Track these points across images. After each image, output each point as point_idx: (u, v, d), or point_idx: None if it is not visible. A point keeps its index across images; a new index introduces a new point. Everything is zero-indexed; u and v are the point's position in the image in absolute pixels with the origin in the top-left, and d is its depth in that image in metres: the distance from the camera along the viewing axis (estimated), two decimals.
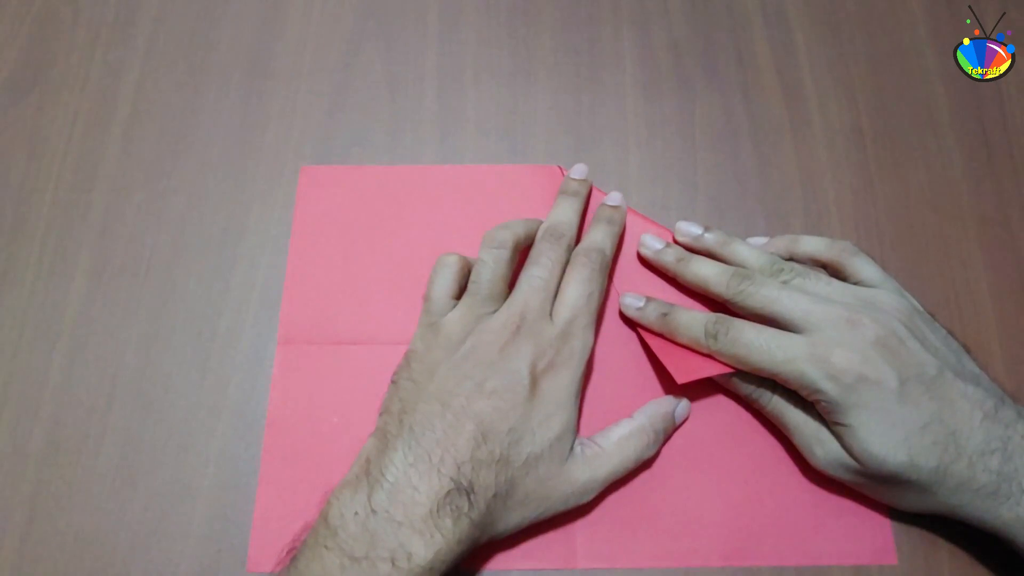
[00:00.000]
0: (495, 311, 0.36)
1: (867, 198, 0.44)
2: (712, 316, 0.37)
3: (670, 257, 0.40)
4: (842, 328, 0.34)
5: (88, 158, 0.44)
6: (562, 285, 0.37)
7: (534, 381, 0.34)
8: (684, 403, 0.38)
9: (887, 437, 0.33)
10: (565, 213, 0.40)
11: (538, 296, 0.36)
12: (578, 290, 0.37)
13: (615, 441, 0.36)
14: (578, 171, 0.42)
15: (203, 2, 0.49)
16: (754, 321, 0.36)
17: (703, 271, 0.39)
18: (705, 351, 0.36)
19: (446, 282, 0.38)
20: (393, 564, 0.29)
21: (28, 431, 0.38)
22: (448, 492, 0.30)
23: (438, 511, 0.30)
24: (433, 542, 0.30)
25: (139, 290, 0.41)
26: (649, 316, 0.39)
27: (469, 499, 0.31)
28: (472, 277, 0.38)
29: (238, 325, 0.40)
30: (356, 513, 0.30)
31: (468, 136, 0.45)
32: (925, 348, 0.34)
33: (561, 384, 0.35)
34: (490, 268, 0.37)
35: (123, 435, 0.38)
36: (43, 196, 0.43)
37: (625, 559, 0.36)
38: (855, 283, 0.38)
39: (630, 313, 0.39)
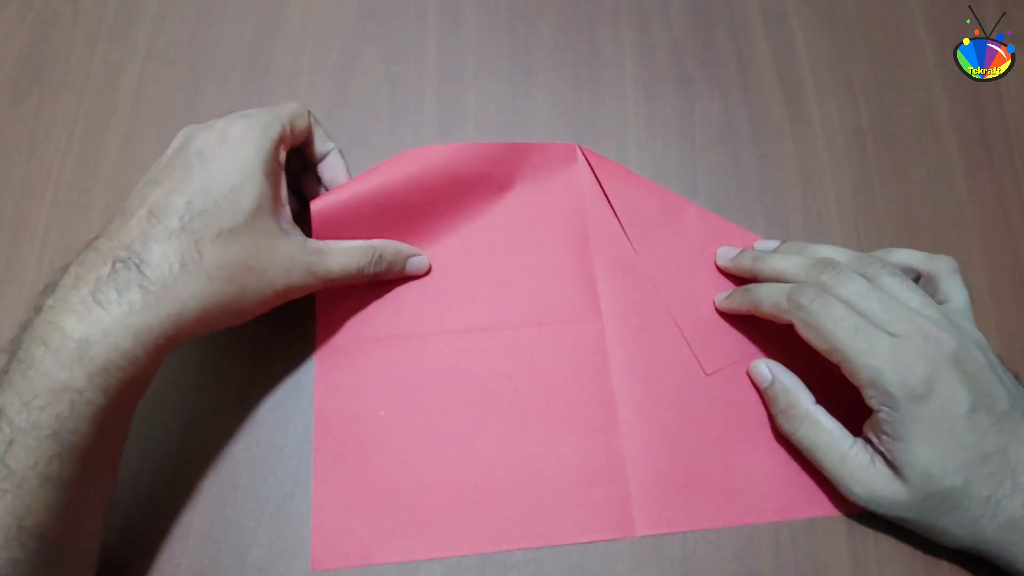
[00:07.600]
0: None
1: (867, 198, 0.44)
2: (798, 284, 0.35)
3: (747, 260, 0.39)
4: (924, 340, 0.33)
5: (88, 158, 0.44)
6: None
7: (202, 156, 0.33)
8: (422, 258, 0.40)
9: (946, 458, 0.32)
10: None
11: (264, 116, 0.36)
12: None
13: (344, 247, 0.37)
14: None
15: (203, 2, 0.49)
16: None
17: (781, 263, 0.37)
18: (785, 319, 0.35)
19: None
20: (46, 345, 0.28)
21: None
22: (112, 270, 0.30)
23: (99, 289, 0.29)
24: (91, 316, 0.29)
25: None
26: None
27: (140, 271, 0.30)
28: None
29: (238, 325, 0.40)
30: (26, 319, 0.30)
31: (468, 136, 0.45)
32: (1000, 382, 0.33)
33: (238, 155, 0.34)
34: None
35: None
36: (43, 196, 0.43)
37: (683, 523, 0.36)
38: (941, 302, 0.37)
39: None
